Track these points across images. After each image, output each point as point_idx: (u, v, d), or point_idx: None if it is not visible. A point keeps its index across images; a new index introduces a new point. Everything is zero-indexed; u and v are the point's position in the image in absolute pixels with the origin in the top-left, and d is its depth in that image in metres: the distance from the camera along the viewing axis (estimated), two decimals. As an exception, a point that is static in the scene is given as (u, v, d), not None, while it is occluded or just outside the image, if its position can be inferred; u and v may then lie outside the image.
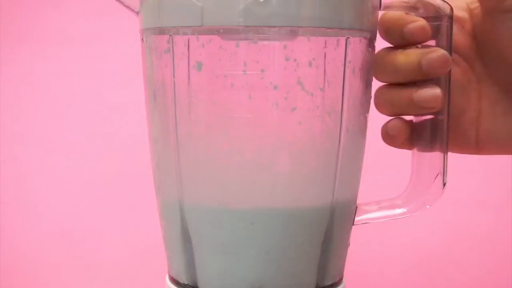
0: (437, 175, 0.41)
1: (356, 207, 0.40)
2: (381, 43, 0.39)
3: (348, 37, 0.35)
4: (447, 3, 0.38)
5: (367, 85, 0.38)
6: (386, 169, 0.59)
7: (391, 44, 0.39)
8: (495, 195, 0.67)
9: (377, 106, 0.39)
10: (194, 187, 0.37)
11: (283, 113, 0.35)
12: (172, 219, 0.38)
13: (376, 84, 0.40)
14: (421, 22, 0.37)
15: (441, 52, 0.37)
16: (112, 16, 0.63)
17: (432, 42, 0.38)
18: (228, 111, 0.35)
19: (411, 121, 0.41)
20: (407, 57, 0.37)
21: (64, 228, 0.68)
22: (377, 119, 0.40)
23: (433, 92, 0.37)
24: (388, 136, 0.40)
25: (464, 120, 0.40)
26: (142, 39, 0.38)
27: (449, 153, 0.40)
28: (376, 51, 0.39)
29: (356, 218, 0.41)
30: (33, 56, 0.70)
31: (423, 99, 0.37)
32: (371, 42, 0.37)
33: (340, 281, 0.40)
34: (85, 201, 0.68)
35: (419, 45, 0.38)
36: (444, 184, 0.41)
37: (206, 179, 0.36)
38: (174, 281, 0.40)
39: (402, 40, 0.37)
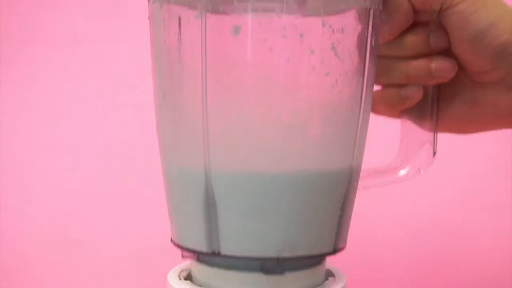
0: (425, 143, 0.44)
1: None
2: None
3: (372, 8, 0.37)
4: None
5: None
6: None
7: None
8: (502, 167, 0.68)
9: (380, 76, 0.42)
10: (225, 153, 0.37)
11: (318, 77, 0.36)
12: (193, 186, 0.38)
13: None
14: None
15: None
16: (112, 16, 0.62)
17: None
18: (266, 75, 0.36)
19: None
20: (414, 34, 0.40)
21: (64, 228, 0.66)
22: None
23: (450, 62, 0.40)
24: (387, 104, 0.42)
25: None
26: (159, 6, 0.38)
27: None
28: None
29: (356, 184, 0.43)
30: (33, 56, 0.68)
31: (441, 69, 0.40)
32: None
33: (345, 245, 0.42)
34: (85, 201, 0.67)
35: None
36: (435, 153, 0.44)
37: (240, 144, 0.36)
38: (191, 251, 0.39)
39: None
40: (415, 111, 0.44)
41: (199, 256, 0.41)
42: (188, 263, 0.43)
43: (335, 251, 0.40)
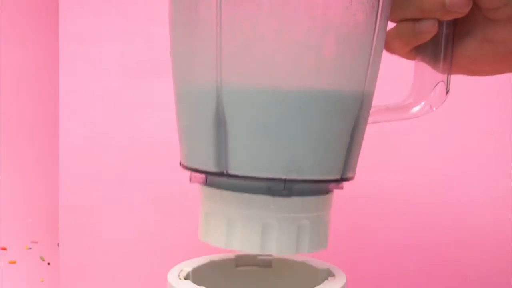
0: (439, 82, 0.44)
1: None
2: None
3: None
4: None
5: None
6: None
7: None
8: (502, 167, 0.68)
9: (395, 10, 0.42)
10: (237, 68, 0.37)
11: (333, -5, 0.36)
12: (204, 104, 0.38)
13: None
14: None
15: None
16: (112, 16, 0.63)
17: None
18: (281, -11, 0.36)
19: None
20: None
21: (63, 227, 0.67)
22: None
23: None
24: (402, 39, 0.42)
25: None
26: None
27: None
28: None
29: (367, 118, 0.43)
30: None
31: (455, 3, 0.40)
32: None
33: (354, 176, 0.42)
34: (85, 200, 0.68)
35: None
36: (447, 91, 0.44)
37: (253, 59, 0.36)
38: (199, 171, 0.40)
39: None
40: (429, 52, 0.43)
41: (207, 178, 0.41)
42: (188, 262, 0.44)
43: (342, 179, 0.40)
